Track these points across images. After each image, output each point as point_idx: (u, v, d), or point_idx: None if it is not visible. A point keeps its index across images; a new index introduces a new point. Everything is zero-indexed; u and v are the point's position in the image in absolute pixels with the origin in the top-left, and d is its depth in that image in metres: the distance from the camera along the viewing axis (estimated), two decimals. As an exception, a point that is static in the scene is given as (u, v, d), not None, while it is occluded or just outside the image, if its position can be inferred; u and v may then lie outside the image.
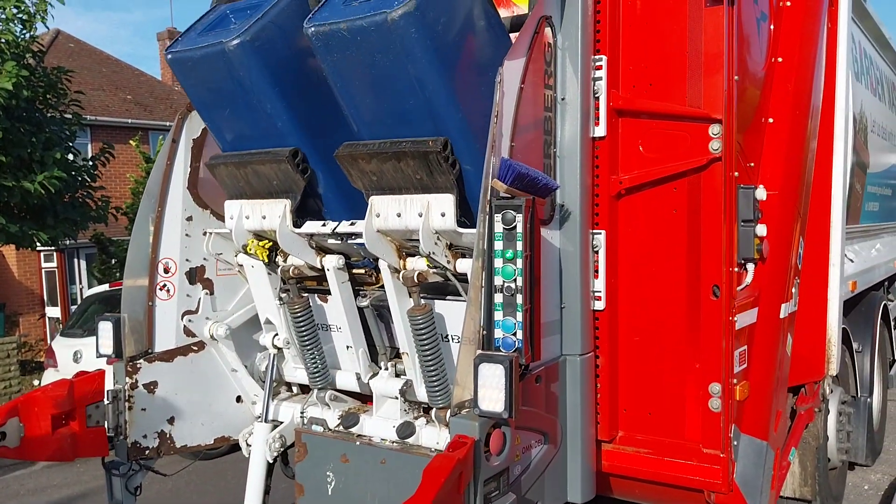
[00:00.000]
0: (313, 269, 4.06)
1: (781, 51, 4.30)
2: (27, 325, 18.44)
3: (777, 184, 4.16)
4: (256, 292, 4.34)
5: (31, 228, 11.45)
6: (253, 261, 4.20)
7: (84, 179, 12.47)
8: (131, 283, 4.30)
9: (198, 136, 4.39)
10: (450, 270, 3.61)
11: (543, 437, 3.49)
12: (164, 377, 4.21)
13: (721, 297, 3.63)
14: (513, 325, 3.10)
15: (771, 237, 4.00)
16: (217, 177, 4.23)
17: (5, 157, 10.70)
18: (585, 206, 3.70)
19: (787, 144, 4.28)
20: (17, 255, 18.26)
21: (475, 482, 2.92)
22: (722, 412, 3.65)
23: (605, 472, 3.93)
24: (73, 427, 4.16)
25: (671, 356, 3.83)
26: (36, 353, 16.57)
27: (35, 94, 11.78)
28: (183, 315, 4.32)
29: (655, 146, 3.76)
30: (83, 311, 10.49)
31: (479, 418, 2.98)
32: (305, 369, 4.21)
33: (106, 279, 14.82)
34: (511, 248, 3.10)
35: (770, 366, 4.08)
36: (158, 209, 4.27)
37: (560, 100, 3.64)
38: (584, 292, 3.70)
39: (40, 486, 7.71)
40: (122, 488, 4.24)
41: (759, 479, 3.85)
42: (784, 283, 4.23)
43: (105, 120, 20.49)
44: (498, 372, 2.94)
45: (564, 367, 3.65)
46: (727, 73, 3.60)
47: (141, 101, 23.14)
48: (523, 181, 3.13)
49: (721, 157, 3.60)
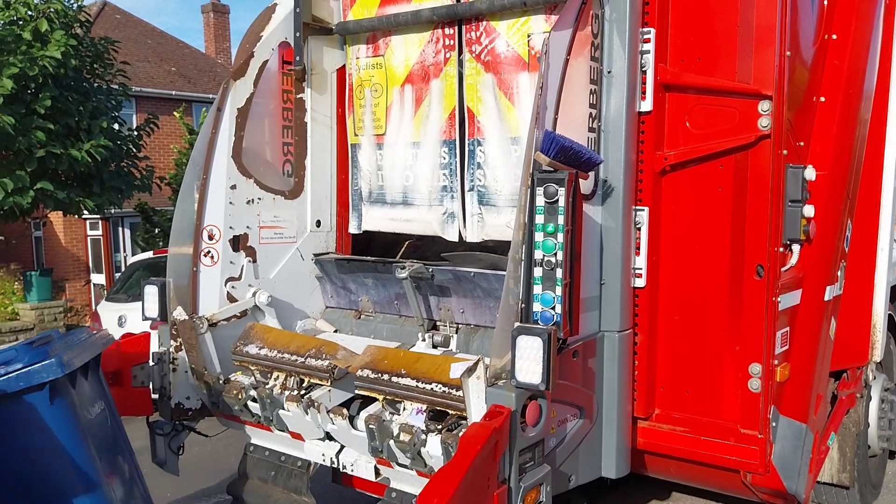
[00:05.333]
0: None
1: (836, 27, 4.18)
2: (73, 290, 18.92)
3: (826, 164, 4.06)
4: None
5: (77, 196, 11.71)
6: None
7: (129, 149, 12.69)
8: (176, 249, 4.39)
9: (242, 105, 4.43)
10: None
11: (579, 412, 3.50)
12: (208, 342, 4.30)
13: (765, 277, 3.58)
14: (552, 299, 3.10)
15: (818, 218, 3.93)
16: None
17: (53, 125, 10.93)
18: (629, 181, 3.66)
19: (838, 124, 4.17)
20: (63, 223, 18.71)
21: (510, 452, 2.95)
22: (761, 393, 3.62)
23: (640, 448, 3.93)
24: (119, 387, 4.28)
25: (711, 335, 3.79)
26: (82, 317, 17.03)
27: (82, 64, 11.99)
28: (226, 281, 4.39)
29: (702, 122, 3.70)
30: (127, 277, 10.72)
31: (515, 389, 3.00)
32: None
33: (149, 247, 15.10)
34: (552, 222, 3.09)
35: (812, 348, 4.02)
36: (203, 177, 4.33)
37: (606, 73, 3.60)
38: (624, 269, 3.68)
39: (85, 445, 7.95)
40: (164, 447, 4.36)
41: (798, 462, 3.81)
42: (830, 265, 4.14)
43: (150, 91, 20.77)
44: (536, 344, 2.96)
45: (602, 342, 3.65)
46: (779, 47, 3.52)
47: (185, 73, 23.40)
48: (567, 154, 3.11)
49: (770, 134, 3.53)
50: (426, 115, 4.45)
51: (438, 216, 4.43)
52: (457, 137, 4.31)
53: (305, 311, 4.81)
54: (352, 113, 4.82)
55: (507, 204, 4.13)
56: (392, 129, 4.61)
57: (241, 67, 4.44)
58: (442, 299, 4.31)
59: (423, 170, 4.50)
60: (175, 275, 4.33)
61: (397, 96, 4.57)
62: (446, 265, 4.24)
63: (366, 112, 4.74)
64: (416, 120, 4.50)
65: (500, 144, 4.14)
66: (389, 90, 4.60)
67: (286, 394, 3.85)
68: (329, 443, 3.82)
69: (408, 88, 4.52)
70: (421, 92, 4.46)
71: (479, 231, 4.29)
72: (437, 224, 4.46)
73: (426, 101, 4.45)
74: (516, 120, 4.05)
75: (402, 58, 4.52)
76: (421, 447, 3.30)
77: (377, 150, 4.71)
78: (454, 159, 4.33)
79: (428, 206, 4.50)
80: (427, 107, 4.44)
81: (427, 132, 4.46)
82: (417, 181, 4.54)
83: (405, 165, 4.58)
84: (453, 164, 4.34)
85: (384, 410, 3.57)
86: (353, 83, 4.79)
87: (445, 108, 4.34)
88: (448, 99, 4.32)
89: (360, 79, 4.74)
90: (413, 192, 4.57)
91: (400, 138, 4.58)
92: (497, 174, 4.17)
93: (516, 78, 4.03)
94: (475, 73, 4.20)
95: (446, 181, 4.39)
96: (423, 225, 4.55)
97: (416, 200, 4.56)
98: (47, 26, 10.77)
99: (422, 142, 4.49)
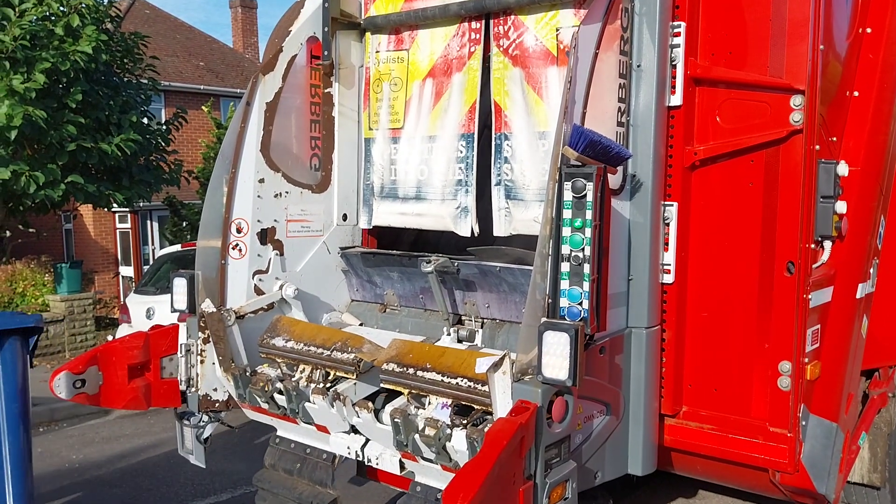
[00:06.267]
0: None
1: (871, 21, 4.11)
2: (102, 282, 19.19)
3: (859, 160, 4.00)
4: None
5: (107, 189, 11.86)
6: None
7: (158, 143, 12.82)
8: (205, 241, 4.43)
9: (271, 99, 4.46)
10: None
11: (606, 408, 3.49)
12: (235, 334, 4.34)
13: (796, 274, 3.53)
14: (579, 295, 3.09)
15: (850, 215, 3.86)
16: None
17: (84, 119, 11.07)
18: (658, 177, 3.63)
19: (871, 120, 4.10)
20: (93, 216, 18.97)
21: (536, 447, 2.94)
22: (791, 391, 3.57)
23: (666, 446, 3.90)
24: (147, 378, 4.35)
25: (740, 332, 3.75)
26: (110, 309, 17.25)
27: (113, 59, 12.13)
28: (254, 274, 4.43)
29: (733, 117, 3.66)
30: (156, 270, 10.86)
31: (541, 385, 2.99)
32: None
33: (177, 241, 15.26)
34: (580, 217, 3.07)
35: (844, 347, 3.96)
36: (232, 171, 4.36)
37: (636, 67, 3.57)
38: (653, 265, 3.65)
39: (113, 435, 8.08)
40: (192, 438, 4.42)
41: (828, 461, 3.76)
42: (862, 262, 4.08)
43: (178, 86, 20.97)
44: (563, 340, 2.94)
45: (630, 339, 3.62)
46: (812, 41, 3.46)
47: (213, 67, 23.59)
48: (595, 149, 3.09)
49: (802, 129, 3.48)
50: (445, 109, 4.41)
51: (451, 210, 4.40)
52: (475, 131, 4.28)
53: (331, 304, 4.83)
54: (367, 107, 4.80)
55: (534, 199, 4.10)
56: (410, 123, 4.57)
57: (269, 62, 4.47)
58: (467, 294, 4.30)
59: (438, 164, 4.46)
60: (203, 267, 4.36)
61: (417, 90, 4.54)
62: (472, 259, 4.23)
63: (382, 106, 4.70)
64: (434, 113, 4.46)
65: (527, 139, 4.11)
66: (409, 84, 4.58)
67: (312, 386, 3.87)
68: (354, 436, 3.83)
69: (429, 82, 4.49)
70: (441, 86, 4.43)
71: (507, 226, 4.27)
72: (450, 219, 4.41)
73: (446, 94, 4.41)
74: (545, 114, 4.01)
75: (427, 52, 4.50)
76: (446, 442, 3.30)
77: (392, 145, 4.67)
78: (471, 153, 4.29)
79: (441, 201, 4.46)
80: (446, 100, 4.40)
81: (444, 126, 4.42)
82: (431, 175, 4.50)
83: (420, 160, 4.54)
84: (470, 158, 4.30)
85: (409, 404, 3.57)
86: (371, 77, 4.76)
87: (466, 102, 4.32)
88: (469, 93, 4.30)
89: (379, 73, 4.72)
90: (426, 187, 4.53)
91: (417, 132, 4.54)
92: (524, 168, 4.15)
93: (545, 72, 4.00)
94: (503, 68, 4.18)
95: (461, 175, 4.35)
96: (435, 220, 4.50)
97: (429, 195, 4.51)
98: (79, 21, 10.89)
99: (438, 135, 4.44)
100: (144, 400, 4.35)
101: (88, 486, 6.45)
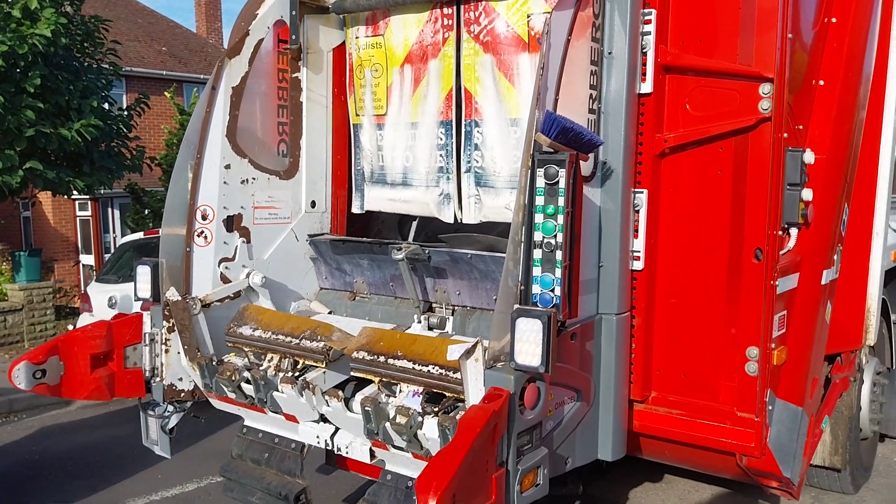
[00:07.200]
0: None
1: (836, 10, 4.15)
2: (62, 271, 18.79)
3: (825, 148, 4.05)
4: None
5: (67, 175, 11.57)
6: None
7: (119, 129, 12.54)
8: (169, 229, 4.34)
9: (237, 83, 4.37)
10: None
11: (576, 394, 3.50)
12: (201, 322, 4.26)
13: (763, 261, 3.57)
14: (551, 282, 3.08)
15: (816, 202, 3.91)
16: None
17: (43, 104, 10.78)
18: (628, 164, 3.64)
19: (836, 108, 4.15)
20: (52, 203, 18.54)
21: (509, 434, 2.93)
22: (758, 376, 3.62)
23: (635, 431, 3.93)
24: (111, 367, 4.25)
25: (708, 318, 3.79)
26: (70, 298, 16.92)
27: (73, 42, 11.80)
28: (220, 262, 4.35)
29: (703, 104, 3.68)
30: (118, 258, 10.65)
31: (514, 372, 2.98)
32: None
33: (139, 229, 14.97)
34: (552, 204, 3.07)
35: (809, 332, 4.02)
36: (197, 156, 4.27)
37: (607, 54, 3.56)
38: (623, 252, 3.67)
39: (75, 426, 7.92)
40: (157, 429, 4.34)
41: (793, 445, 3.83)
42: (827, 249, 4.14)
43: (140, 71, 20.54)
44: (535, 327, 2.93)
45: (600, 325, 3.63)
46: (781, 30, 3.48)
47: (176, 53, 23.15)
48: (567, 136, 3.08)
49: (770, 117, 3.51)
50: (424, 96, 4.41)
51: (435, 197, 4.41)
52: (453, 118, 4.27)
53: (299, 292, 4.77)
54: (352, 93, 4.77)
55: (505, 186, 4.10)
56: (392, 109, 4.58)
57: (236, 46, 4.37)
58: (438, 281, 4.28)
59: (422, 150, 4.47)
60: (168, 255, 4.28)
61: (397, 76, 4.52)
62: (443, 247, 4.21)
63: (366, 92, 4.69)
64: (414, 100, 4.46)
65: (498, 126, 4.10)
66: (389, 70, 4.55)
67: (280, 375, 3.82)
68: (324, 425, 3.80)
69: (407, 69, 4.47)
70: (419, 72, 4.42)
71: (477, 213, 4.27)
72: (434, 205, 4.44)
73: (424, 81, 4.40)
74: (516, 101, 4.01)
75: (401, 38, 4.46)
76: (417, 430, 3.28)
77: (377, 131, 4.67)
78: (450, 140, 4.29)
79: (425, 188, 4.48)
80: (425, 87, 4.40)
81: (425, 112, 4.42)
82: (416, 162, 4.51)
83: (406, 146, 4.55)
84: (450, 146, 4.30)
85: (380, 392, 3.55)
86: (354, 63, 4.73)
87: (443, 89, 4.30)
88: (446, 80, 4.28)
89: (360, 58, 4.68)
90: (412, 173, 4.55)
91: (400, 119, 4.54)
92: (495, 155, 4.14)
93: (516, 59, 3.99)
94: (473, 54, 4.16)
95: (443, 162, 4.36)
96: (421, 206, 4.53)
97: (415, 181, 4.54)
98: (37, 4, 10.58)
99: (419, 122, 4.45)
100: (107, 390, 4.25)
101: (50, 478, 6.31)
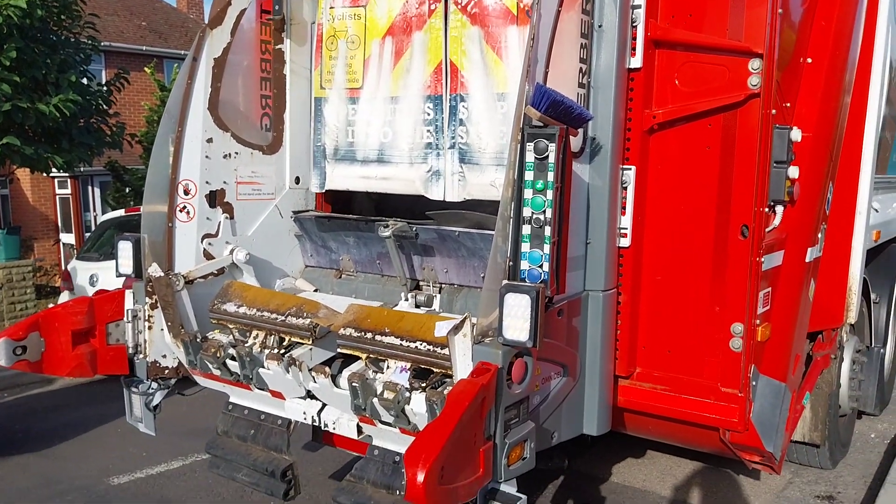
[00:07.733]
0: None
1: (824, -13, 4.14)
2: (42, 250, 18.57)
3: (811, 126, 4.06)
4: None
5: (45, 152, 11.37)
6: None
7: (99, 104, 12.32)
8: (151, 204, 4.27)
9: (219, 55, 4.28)
10: None
11: (563, 370, 3.50)
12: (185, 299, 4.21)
13: (749, 237, 3.58)
14: (539, 258, 3.07)
15: (802, 180, 3.93)
16: None
17: (20, 78, 10.56)
18: (617, 140, 3.62)
19: (823, 86, 4.16)
20: (31, 181, 18.26)
21: (497, 408, 2.93)
22: (742, 352, 3.64)
23: (620, 407, 3.95)
24: (93, 344, 4.19)
25: (694, 295, 3.80)
26: (51, 277, 16.74)
27: (49, 15, 11.55)
28: (203, 238, 4.29)
29: (692, 80, 3.66)
30: (99, 235, 10.52)
31: (502, 347, 2.98)
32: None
33: (120, 206, 14.81)
34: (542, 179, 3.04)
35: (793, 309, 4.05)
36: (178, 129, 4.19)
37: (597, 27, 3.53)
38: (610, 229, 3.66)
39: (58, 404, 7.87)
40: (141, 406, 4.30)
41: (776, 420, 3.87)
42: (812, 227, 4.17)
43: (119, 46, 20.20)
44: (524, 302, 2.92)
45: (587, 302, 3.63)
46: (771, 5, 3.47)
47: (156, 28, 22.79)
48: (557, 109, 3.05)
49: (759, 93, 3.50)
50: (406, 69, 4.29)
51: (422, 174, 4.32)
52: (444, 93, 4.20)
53: (284, 269, 4.73)
54: (319, 65, 4.64)
55: (490, 162, 4.04)
56: (370, 83, 4.44)
57: (217, 16, 4.28)
58: (425, 259, 4.26)
59: (404, 126, 4.34)
60: (150, 230, 4.21)
61: (377, 49, 4.41)
62: (431, 224, 4.18)
63: (338, 65, 4.55)
64: (395, 74, 4.34)
65: (484, 100, 4.04)
66: (368, 42, 4.44)
67: (266, 352, 3.79)
68: (310, 401, 3.78)
69: (388, 41, 4.36)
70: (402, 44, 4.30)
71: (461, 190, 4.18)
72: (420, 182, 4.34)
73: (406, 53, 4.29)
74: (504, 75, 3.94)
75: (385, 9, 4.37)
76: (405, 405, 3.28)
77: (349, 105, 4.54)
78: (440, 115, 4.21)
79: (409, 164, 4.36)
80: (408, 60, 4.29)
81: (407, 86, 4.30)
82: (397, 138, 4.38)
83: (384, 121, 4.42)
84: (439, 121, 4.21)
85: (367, 369, 3.53)
86: (325, 34, 4.59)
87: (430, 62, 4.21)
88: (433, 52, 4.19)
89: (334, 29, 4.55)
90: (391, 150, 4.41)
91: (378, 93, 4.42)
92: (481, 131, 4.07)
93: (504, 32, 3.92)
94: (460, 26, 4.09)
95: (431, 138, 4.26)
96: (404, 183, 4.39)
97: (395, 158, 4.40)
98: (11, -26, 10.35)
99: (401, 96, 4.33)
100: (90, 367, 4.20)
101: (33, 457, 6.26)
